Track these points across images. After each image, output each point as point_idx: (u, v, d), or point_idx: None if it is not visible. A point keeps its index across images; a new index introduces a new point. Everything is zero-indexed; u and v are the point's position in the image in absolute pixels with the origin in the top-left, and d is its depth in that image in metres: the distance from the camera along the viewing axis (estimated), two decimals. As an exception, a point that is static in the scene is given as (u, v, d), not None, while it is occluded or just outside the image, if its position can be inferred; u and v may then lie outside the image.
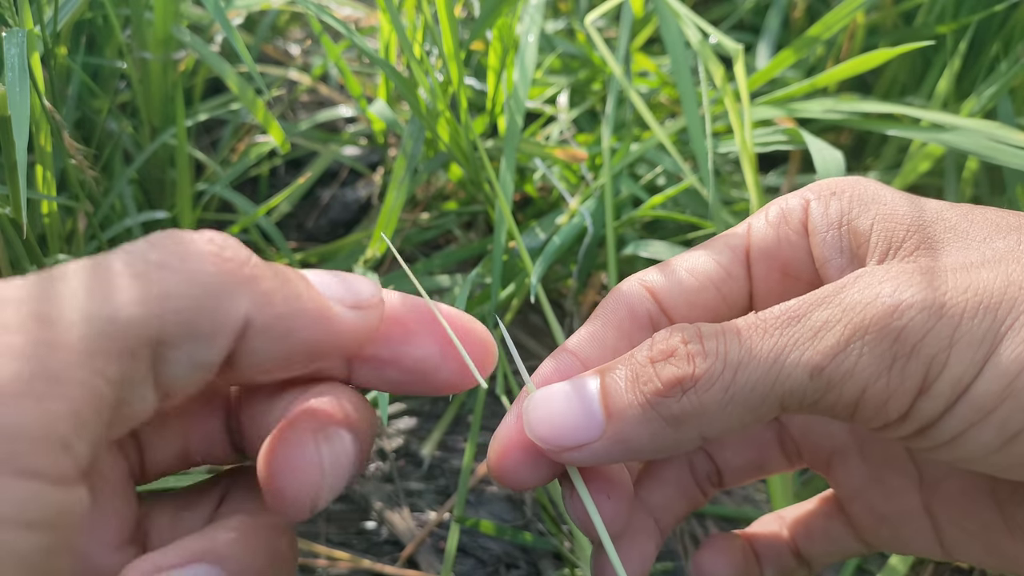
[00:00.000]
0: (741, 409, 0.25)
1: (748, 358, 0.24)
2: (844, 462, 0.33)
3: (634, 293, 0.31)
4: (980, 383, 0.23)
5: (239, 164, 0.62)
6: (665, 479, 0.33)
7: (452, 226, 0.66)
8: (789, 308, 0.25)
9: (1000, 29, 0.66)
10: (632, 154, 0.59)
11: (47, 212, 0.50)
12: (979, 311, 0.23)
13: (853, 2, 0.56)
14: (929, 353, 0.23)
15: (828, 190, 0.30)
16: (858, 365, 0.24)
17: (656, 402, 0.25)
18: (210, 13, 0.50)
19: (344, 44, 0.74)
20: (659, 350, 0.26)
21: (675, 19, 0.58)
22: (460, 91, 0.53)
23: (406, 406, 0.59)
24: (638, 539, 0.31)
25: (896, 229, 0.27)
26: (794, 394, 0.24)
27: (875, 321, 0.24)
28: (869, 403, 0.24)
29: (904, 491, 0.31)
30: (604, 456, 0.26)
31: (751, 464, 0.34)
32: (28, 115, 0.38)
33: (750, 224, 0.31)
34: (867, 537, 0.33)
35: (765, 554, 0.34)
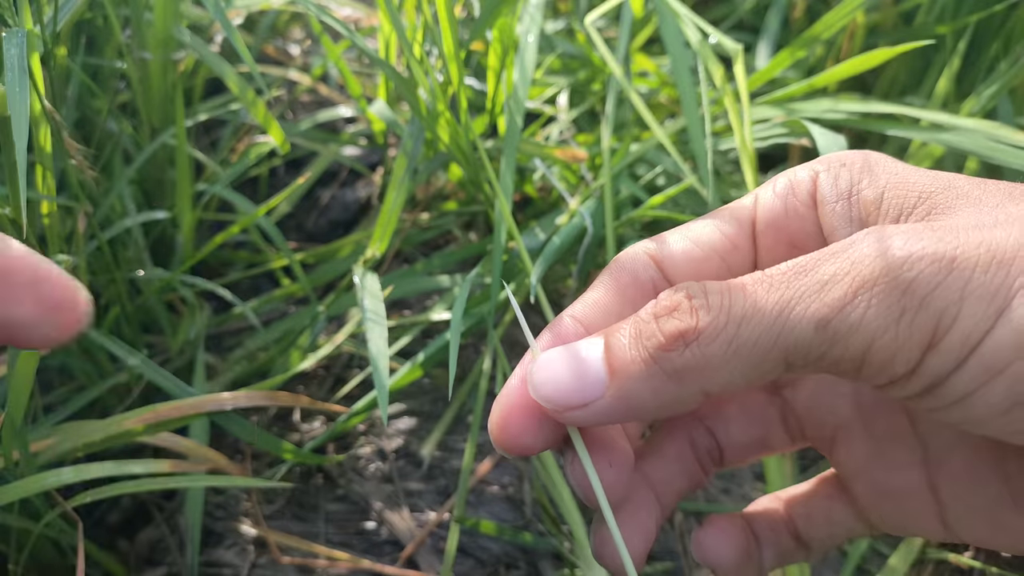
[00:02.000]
0: (744, 363, 0.24)
1: (752, 311, 0.24)
2: (848, 438, 0.32)
3: (638, 260, 0.31)
4: (991, 339, 0.22)
5: (239, 164, 0.62)
6: (666, 454, 0.33)
7: (452, 226, 0.66)
8: (796, 263, 0.25)
9: (1000, 29, 0.66)
10: (632, 154, 0.59)
11: (47, 212, 0.50)
12: (991, 266, 0.23)
13: (853, 2, 0.56)
14: (939, 306, 0.23)
15: (838, 161, 0.30)
16: (865, 317, 0.23)
17: (659, 356, 0.25)
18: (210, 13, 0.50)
19: (344, 44, 0.74)
20: (663, 306, 0.26)
21: (675, 19, 0.58)
22: (460, 91, 0.53)
23: (406, 406, 0.59)
24: (639, 514, 0.31)
25: (907, 196, 0.27)
26: (799, 348, 0.24)
27: (884, 272, 0.23)
28: (876, 357, 0.23)
29: (908, 467, 0.30)
30: (608, 414, 0.26)
31: (753, 441, 0.34)
32: (28, 115, 0.38)
33: (757, 195, 0.31)
34: (870, 516, 0.32)
35: (764, 536, 0.33)
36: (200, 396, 0.48)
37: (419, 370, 0.53)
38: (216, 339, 0.63)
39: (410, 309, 0.65)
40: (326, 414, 0.58)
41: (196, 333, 0.60)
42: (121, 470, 0.45)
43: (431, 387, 0.60)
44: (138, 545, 0.53)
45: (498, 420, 0.28)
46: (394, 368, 0.54)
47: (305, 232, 0.73)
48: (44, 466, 0.46)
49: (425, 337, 0.61)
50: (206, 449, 0.50)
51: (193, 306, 0.61)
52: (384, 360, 0.46)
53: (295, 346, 0.57)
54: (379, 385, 0.45)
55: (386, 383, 0.45)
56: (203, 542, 0.53)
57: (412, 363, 0.53)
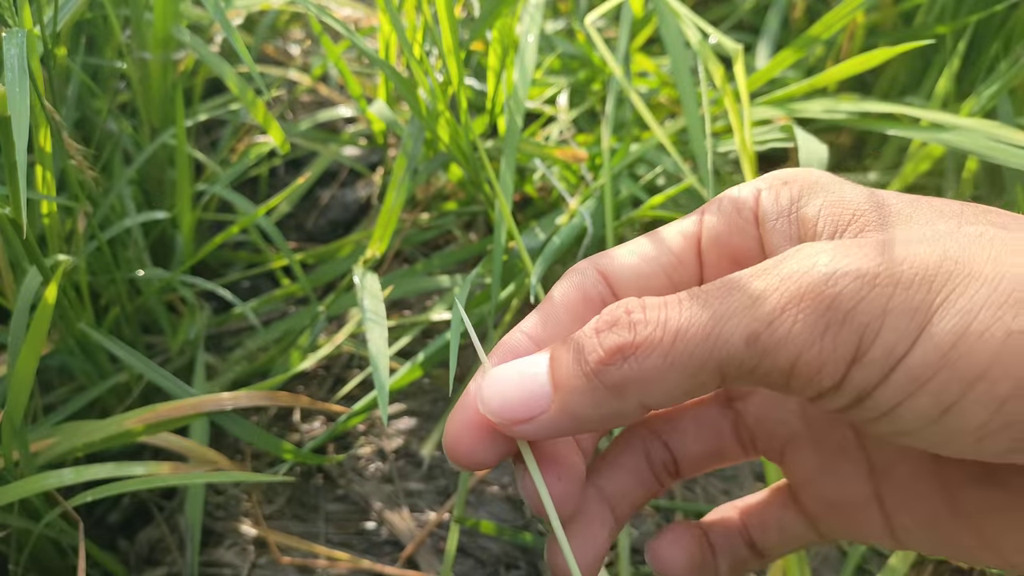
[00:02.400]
0: (680, 376, 0.25)
1: (688, 326, 0.25)
2: (796, 450, 0.33)
3: (587, 276, 0.32)
4: (915, 353, 0.23)
5: (239, 164, 0.62)
6: (621, 466, 0.34)
7: (452, 226, 0.66)
8: (730, 279, 0.26)
9: (1000, 29, 0.66)
10: (632, 154, 0.59)
11: (47, 212, 0.50)
12: (914, 282, 0.23)
13: (853, 2, 0.56)
14: (862, 321, 0.23)
15: (780, 179, 0.31)
16: (792, 332, 0.24)
17: (599, 370, 0.26)
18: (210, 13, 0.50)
19: (344, 44, 0.74)
20: (603, 321, 0.27)
21: (675, 19, 0.58)
22: (460, 91, 0.53)
23: (406, 407, 0.59)
24: (592, 526, 0.32)
25: (842, 214, 0.28)
26: (731, 361, 0.25)
27: (810, 289, 0.24)
28: (802, 371, 0.24)
29: (855, 479, 0.31)
30: (553, 428, 0.27)
31: (707, 452, 0.34)
32: (28, 115, 0.38)
33: (703, 212, 0.32)
34: (819, 527, 0.33)
35: (720, 544, 0.34)
36: (200, 396, 0.48)
37: (419, 370, 0.53)
38: (216, 339, 0.63)
39: (410, 309, 0.65)
40: (326, 414, 0.58)
41: (196, 333, 0.60)
42: (121, 471, 0.45)
43: (431, 387, 0.60)
44: (138, 545, 0.53)
45: (451, 435, 0.29)
46: (394, 368, 0.54)
47: (305, 232, 0.73)
48: (44, 466, 0.46)
49: (425, 337, 0.61)
50: (206, 449, 0.50)
51: (193, 306, 0.61)
52: (384, 360, 0.46)
53: (295, 346, 0.57)
54: (379, 385, 0.45)
55: (386, 383, 0.45)
56: (203, 542, 0.53)
57: (412, 363, 0.53)
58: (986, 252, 0.24)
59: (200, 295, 0.65)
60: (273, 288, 0.67)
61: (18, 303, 0.45)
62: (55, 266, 0.44)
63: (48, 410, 0.54)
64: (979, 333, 0.22)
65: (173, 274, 0.56)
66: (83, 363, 0.54)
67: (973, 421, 0.23)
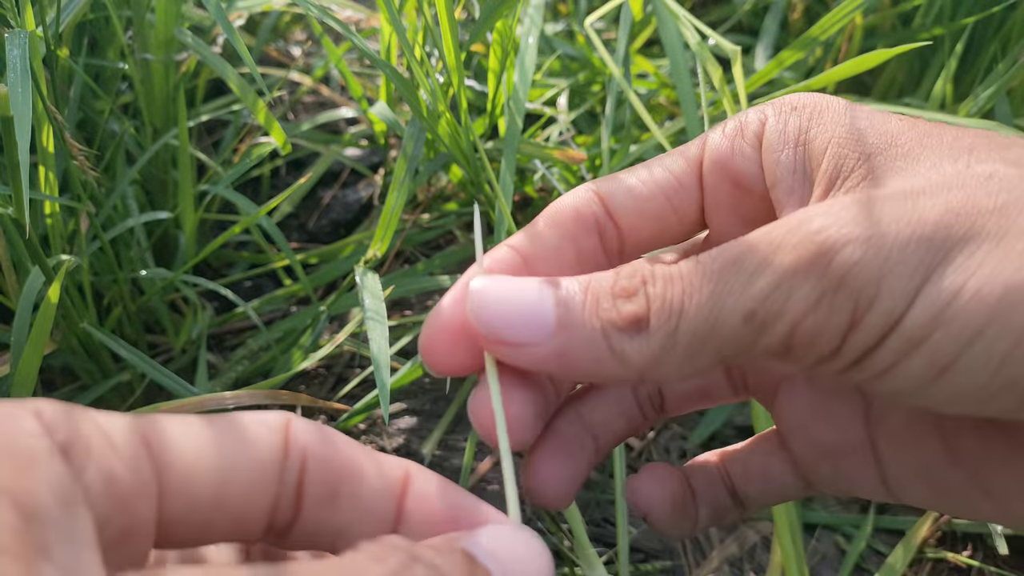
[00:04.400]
0: (682, 358, 0.24)
1: (688, 305, 0.24)
2: (791, 390, 0.32)
3: (581, 196, 0.30)
4: (911, 314, 0.22)
5: (241, 165, 0.62)
6: (606, 396, 0.32)
7: (452, 227, 0.67)
8: (725, 252, 0.25)
9: (997, 30, 0.66)
10: (631, 155, 0.60)
11: (49, 212, 0.50)
12: (911, 242, 0.23)
13: (851, 3, 0.56)
14: (856, 286, 0.23)
15: (789, 105, 0.29)
16: (787, 304, 0.23)
17: (610, 332, 0.25)
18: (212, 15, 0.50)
19: (345, 46, 0.74)
20: (622, 287, 0.25)
21: (674, 21, 0.59)
22: (460, 93, 0.53)
23: (406, 405, 0.59)
24: (570, 449, 0.31)
25: (848, 156, 0.27)
26: (731, 341, 0.24)
27: (803, 259, 0.23)
28: (800, 341, 0.24)
29: (849, 422, 0.30)
30: (540, 363, 0.26)
31: (695, 391, 0.34)
32: (30, 116, 0.38)
33: (706, 136, 0.31)
34: (808, 474, 0.32)
35: (701, 491, 0.33)
36: (202, 395, 0.48)
37: (420, 369, 0.53)
38: (218, 339, 0.64)
39: (411, 309, 0.65)
40: (327, 413, 0.58)
41: (198, 333, 0.60)
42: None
43: (432, 386, 0.60)
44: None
45: (427, 338, 0.28)
46: (395, 367, 0.54)
47: (307, 232, 0.73)
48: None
49: (426, 337, 0.62)
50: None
51: (195, 306, 0.61)
52: (385, 359, 0.46)
53: (297, 345, 0.57)
54: (380, 384, 0.45)
55: (387, 382, 0.45)
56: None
57: (413, 362, 0.53)
58: (991, 200, 0.23)
59: (202, 295, 0.65)
60: (275, 288, 0.68)
61: (21, 303, 0.45)
62: (58, 266, 0.45)
63: (51, 409, 0.54)
64: (975, 290, 0.22)
65: (175, 274, 0.57)
66: (86, 362, 0.54)
67: (974, 382, 0.22)
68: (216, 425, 0.22)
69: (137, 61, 0.61)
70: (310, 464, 0.23)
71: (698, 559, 0.53)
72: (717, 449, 0.34)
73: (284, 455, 0.23)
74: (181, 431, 0.22)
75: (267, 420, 0.23)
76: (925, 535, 0.52)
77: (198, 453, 0.22)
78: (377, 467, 0.24)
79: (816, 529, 0.55)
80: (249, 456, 0.22)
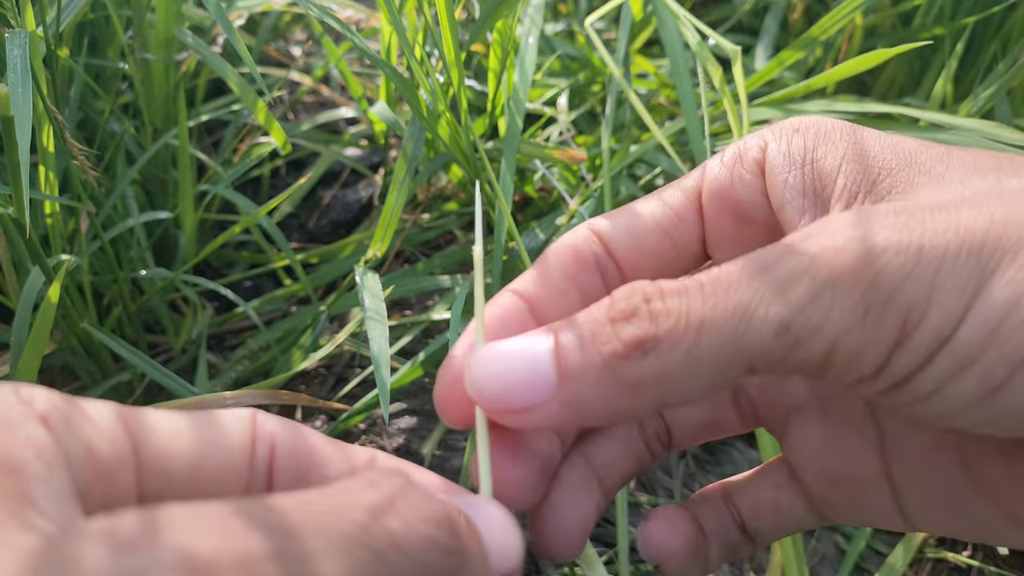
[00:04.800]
0: (706, 372, 0.23)
1: (712, 316, 0.22)
2: (802, 421, 0.30)
3: (579, 234, 0.30)
4: (962, 331, 0.21)
5: (241, 165, 0.62)
6: (612, 436, 0.31)
7: (452, 226, 0.67)
8: (752, 259, 0.23)
9: (998, 30, 0.66)
10: (631, 155, 0.60)
11: (50, 212, 0.50)
12: (961, 253, 0.21)
13: (851, 3, 0.56)
14: (907, 300, 0.21)
15: (790, 127, 0.28)
16: (828, 317, 0.21)
17: (615, 365, 0.23)
18: (212, 15, 0.50)
19: (345, 46, 0.74)
20: (619, 309, 0.24)
21: (674, 21, 0.59)
22: (460, 92, 0.53)
23: (407, 405, 0.59)
24: (578, 496, 0.30)
25: (867, 171, 0.25)
26: (761, 354, 0.22)
27: (846, 267, 0.21)
28: (841, 358, 0.22)
29: (864, 452, 0.29)
30: (553, 420, 0.24)
31: (704, 424, 0.32)
32: (31, 116, 0.38)
33: (705, 166, 0.30)
34: (821, 507, 0.30)
35: (711, 530, 0.31)
36: (202, 395, 0.48)
37: (420, 369, 0.53)
38: (218, 338, 0.64)
39: (411, 309, 0.65)
40: (327, 413, 0.58)
41: (198, 332, 0.60)
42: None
43: (432, 386, 0.60)
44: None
45: (441, 394, 0.27)
46: (395, 367, 0.54)
47: (307, 232, 0.73)
48: (47, 464, 0.46)
49: (426, 337, 0.62)
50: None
51: (195, 306, 0.61)
52: (385, 359, 0.46)
53: (297, 345, 0.57)
54: (380, 384, 0.45)
55: (387, 382, 0.45)
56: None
57: (413, 362, 0.53)
58: None
59: (202, 295, 0.65)
60: (275, 288, 0.68)
61: (21, 302, 0.45)
62: (58, 266, 0.45)
63: (51, 409, 0.54)
64: None
65: (176, 274, 0.57)
66: (86, 362, 0.54)
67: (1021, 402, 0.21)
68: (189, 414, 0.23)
69: (137, 61, 0.61)
70: (279, 451, 0.24)
71: (698, 559, 0.53)
72: (722, 481, 0.33)
73: (252, 442, 0.24)
74: (157, 416, 0.23)
75: (235, 412, 0.24)
76: (925, 535, 0.52)
77: (173, 434, 0.22)
78: (342, 453, 0.25)
79: (816, 529, 0.55)
80: (221, 441, 0.23)
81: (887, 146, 0.26)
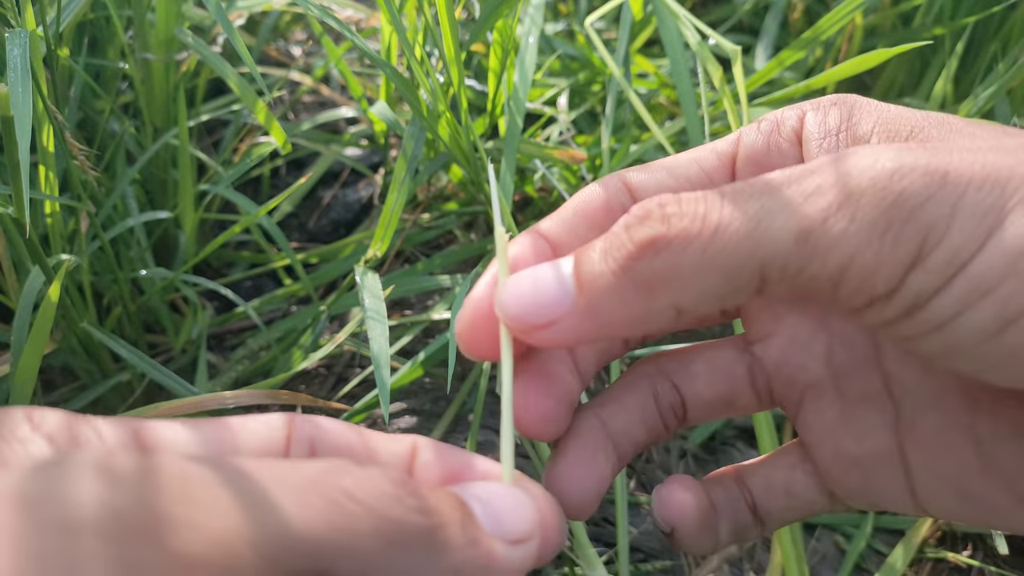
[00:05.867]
0: (718, 275, 0.23)
1: (730, 219, 0.22)
2: (817, 399, 0.30)
3: (610, 184, 0.30)
4: (981, 258, 0.21)
5: (241, 164, 0.62)
6: (627, 405, 0.32)
7: (453, 226, 0.67)
8: (781, 173, 0.23)
9: (998, 30, 0.66)
10: (631, 155, 0.60)
11: (50, 212, 0.50)
12: (986, 183, 0.21)
13: (851, 3, 0.56)
14: (928, 220, 0.21)
15: (828, 101, 0.29)
16: (848, 230, 0.22)
17: (628, 266, 0.24)
18: (212, 15, 0.50)
19: (345, 46, 0.74)
20: (634, 215, 0.24)
21: (674, 21, 0.59)
22: (461, 92, 0.53)
23: (407, 405, 0.59)
24: (595, 455, 0.30)
25: (899, 129, 0.26)
26: (776, 260, 0.22)
27: (872, 184, 0.22)
28: (855, 274, 0.22)
29: (878, 431, 0.29)
30: (575, 332, 0.25)
31: (718, 399, 0.32)
32: (31, 115, 0.38)
33: (741, 132, 0.30)
34: (834, 486, 0.30)
35: (722, 507, 0.32)
36: (202, 395, 0.48)
37: (420, 369, 0.53)
38: (218, 338, 0.64)
39: (411, 309, 0.65)
40: (328, 412, 0.58)
41: (198, 332, 0.60)
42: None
43: (432, 386, 0.60)
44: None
45: (464, 327, 0.28)
46: (395, 367, 0.54)
47: (307, 232, 0.73)
48: (47, 464, 0.46)
49: (426, 336, 0.62)
50: (208, 447, 0.50)
51: (195, 306, 0.61)
52: (385, 359, 0.46)
53: (297, 345, 0.57)
54: (380, 384, 0.45)
55: (387, 382, 0.45)
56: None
57: (413, 362, 0.53)
58: None
59: (202, 294, 0.65)
60: (275, 288, 0.68)
61: (21, 302, 0.45)
62: (58, 265, 0.45)
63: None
64: None
65: (176, 274, 0.57)
66: (86, 362, 0.54)
67: None
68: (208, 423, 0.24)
69: (137, 61, 0.61)
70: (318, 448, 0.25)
71: (698, 559, 0.53)
72: (735, 464, 0.33)
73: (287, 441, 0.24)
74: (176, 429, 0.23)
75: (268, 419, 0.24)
76: (925, 535, 0.52)
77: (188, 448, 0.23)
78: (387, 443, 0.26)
79: (816, 529, 0.55)
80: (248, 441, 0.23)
81: (919, 113, 0.27)
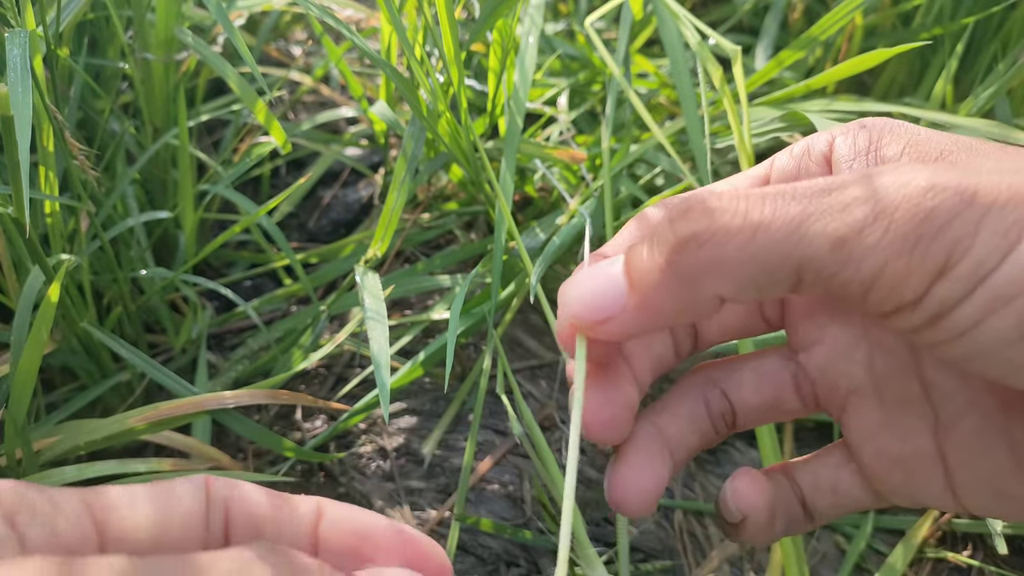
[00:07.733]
0: (758, 269, 0.25)
1: (771, 219, 0.24)
2: (859, 404, 0.32)
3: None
4: (1002, 269, 0.23)
5: (241, 164, 0.62)
6: (679, 413, 0.34)
7: (453, 226, 0.67)
8: (821, 181, 0.25)
9: (998, 30, 0.66)
10: (631, 155, 0.60)
11: (49, 212, 0.50)
12: (1010, 203, 0.23)
13: (851, 3, 0.56)
14: (954, 236, 0.23)
15: (857, 124, 0.31)
16: (882, 241, 0.23)
17: (673, 260, 0.25)
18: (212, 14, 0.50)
19: (346, 45, 0.74)
20: (675, 208, 0.26)
21: (674, 21, 0.59)
22: (460, 92, 0.53)
23: (406, 405, 0.59)
24: (653, 459, 0.32)
25: (929, 151, 0.27)
26: (813, 263, 0.24)
27: (906, 199, 0.24)
28: (885, 282, 0.24)
29: (918, 433, 0.31)
30: (634, 325, 0.27)
31: (766, 404, 0.34)
32: (30, 115, 0.38)
33: (774, 158, 0.32)
34: (877, 485, 0.32)
35: (778, 500, 0.33)
36: (202, 395, 0.48)
37: (420, 369, 0.53)
38: (218, 338, 0.64)
39: (411, 309, 0.65)
40: (327, 412, 0.58)
41: (198, 332, 0.60)
42: (123, 468, 0.46)
43: (432, 386, 0.60)
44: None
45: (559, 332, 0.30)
46: (395, 367, 0.54)
47: (307, 232, 0.73)
48: (47, 464, 0.46)
49: (426, 336, 0.62)
50: (208, 447, 0.50)
51: (195, 305, 0.61)
52: (385, 359, 0.46)
53: (297, 345, 0.57)
54: (380, 384, 0.45)
55: (387, 382, 0.45)
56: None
57: (413, 362, 0.53)
58: None
59: (202, 294, 0.65)
60: (275, 287, 0.68)
61: (21, 302, 0.45)
62: (58, 265, 0.45)
63: (50, 409, 0.54)
64: None
65: (176, 273, 0.57)
66: (86, 362, 0.54)
67: None
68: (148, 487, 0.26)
69: (137, 61, 0.61)
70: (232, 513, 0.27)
71: (698, 559, 0.53)
72: (784, 461, 0.35)
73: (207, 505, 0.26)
74: (118, 492, 0.25)
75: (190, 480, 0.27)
76: (925, 535, 0.52)
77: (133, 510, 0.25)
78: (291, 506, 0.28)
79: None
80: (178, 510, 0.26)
81: (949, 137, 0.28)
